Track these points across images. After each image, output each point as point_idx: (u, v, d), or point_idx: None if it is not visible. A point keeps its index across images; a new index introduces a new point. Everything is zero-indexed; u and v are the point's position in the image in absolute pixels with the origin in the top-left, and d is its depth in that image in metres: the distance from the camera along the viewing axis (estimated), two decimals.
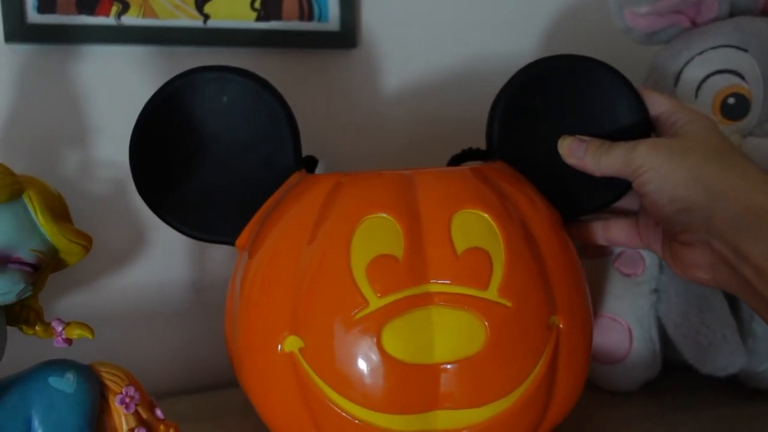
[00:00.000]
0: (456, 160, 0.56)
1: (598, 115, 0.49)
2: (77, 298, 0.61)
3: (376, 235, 0.41)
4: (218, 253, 0.65)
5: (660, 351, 0.58)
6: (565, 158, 0.48)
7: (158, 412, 0.40)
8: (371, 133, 0.70)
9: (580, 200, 0.49)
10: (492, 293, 0.40)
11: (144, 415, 0.39)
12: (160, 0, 0.62)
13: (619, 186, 0.49)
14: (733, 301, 0.59)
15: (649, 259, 0.57)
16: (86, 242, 0.38)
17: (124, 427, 0.39)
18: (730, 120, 0.56)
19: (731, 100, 0.56)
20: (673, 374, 0.60)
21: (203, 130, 0.48)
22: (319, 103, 0.68)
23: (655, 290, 0.57)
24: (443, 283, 0.40)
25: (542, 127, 0.49)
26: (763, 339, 0.57)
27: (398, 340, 0.39)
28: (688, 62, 0.58)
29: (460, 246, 0.40)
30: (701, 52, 0.58)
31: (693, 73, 0.57)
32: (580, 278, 0.44)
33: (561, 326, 0.42)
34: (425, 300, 0.40)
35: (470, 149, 0.54)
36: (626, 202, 0.51)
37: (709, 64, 0.57)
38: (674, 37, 0.61)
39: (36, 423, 0.36)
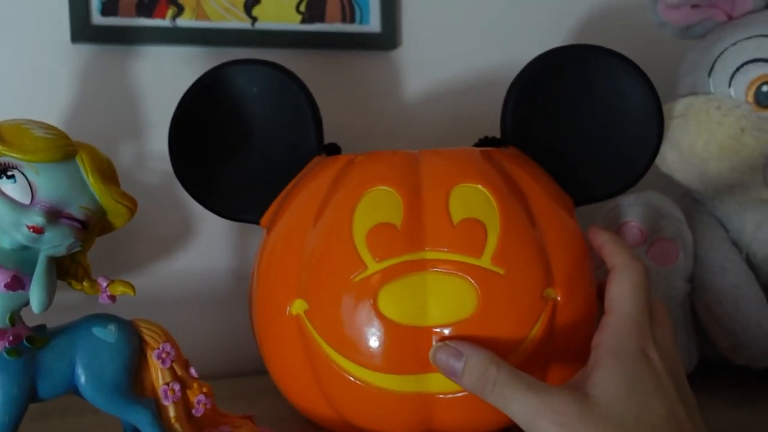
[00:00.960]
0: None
1: (611, 104, 0.50)
2: (129, 280, 0.65)
3: (378, 205, 0.43)
4: (258, 243, 0.68)
5: (695, 344, 0.57)
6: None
7: (192, 371, 0.43)
8: (409, 132, 0.72)
9: (591, 188, 0.50)
10: (485, 261, 0.41)
11: (179, 372, 0.42)
12: (211, 3, 0.67)
13: (631, 174, 0.50)
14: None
15: (684, 248, 0.56)
16: (131, 204, 0.41)
17: (160, 381, 0.41)
18: (764, 107, 0.55)
19: (765, 88, 0.55)
20: (708, 370, 0.58)
21: (235, 117, 0.52)
22: (359, 103, 0.71)
23: (690, 280, 0.56)
24: (439, 251, 0.41)
25: (555, 115, 0.51)
26: None
27: (393, 302, 0.41)
28: (722, 53, 0.58)
29: (457, 216, 0.42)
30: (735, 43, 0.57)
31: (727, 62, 0.57)
32: (582, 258, 0.45)
33: (558, 299, 0.43)
34: (421, 266, 0.41)
35: (486, 137, 0.55)
36: None
37: (743, 54, 0.56)
38: (709, 31, 0.60)
39: (80, 368, 0.39)
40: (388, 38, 0.70)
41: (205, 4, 0.66)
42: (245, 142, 0.52)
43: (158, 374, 0.41)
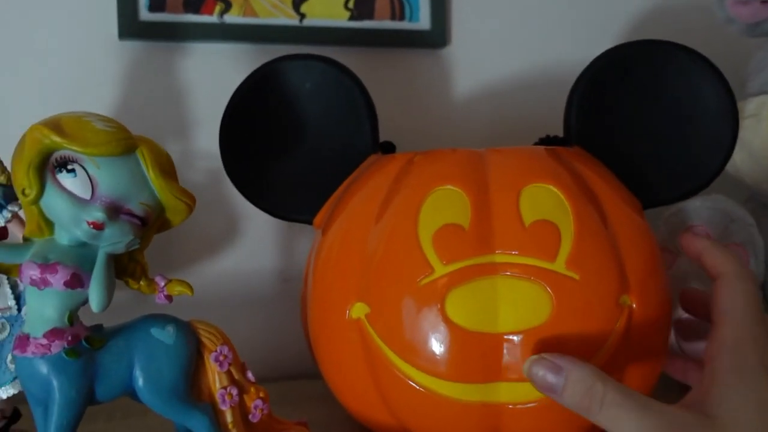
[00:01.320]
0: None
1: (682, 102, 0.48)
2: None
3: (444, 205, 0.41)
4: (305, 244, 0.67)
5: None
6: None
7: (249, 375, 0.42)
8: (457, 131, 0.70)
9: (660, 189, 0.48)
10: (559, 265, 0.39)
11: (236, 376, 0.41)
12: (260, 0, 0.65)
13: (703, 176, 0.48)
14: None
15: (755, 254, 0.54)
16: (190, 200, 0.39)
17: (218, 384, 0.40)
18: None
19: None
20: None
21: (287, 114, 0.51)
22: (408, 101, 0.69)
23: (762, 288, 0.54)
24: (510, 254, 0.40)
25: (622, 113, 0.49)
26: None
27: (462, 307, 0.39)
28: None
29: (528, 218, 0.40)
30: None
31: None
32: (656, 262, 0.42)
33: (634, 306, 0.40)
34: (491, 269, 0.39)
35: (548, 136, 0.53)
36: None
37: None
38: None
39: (138, 369, 0.38)
40: (437, 36, 0.69)
41: (253, 0, 0.65)
42: (298, 139, 0.50)
43: (215, 377, 0.40)
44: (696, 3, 0.73)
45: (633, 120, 0.49)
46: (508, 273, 0.39)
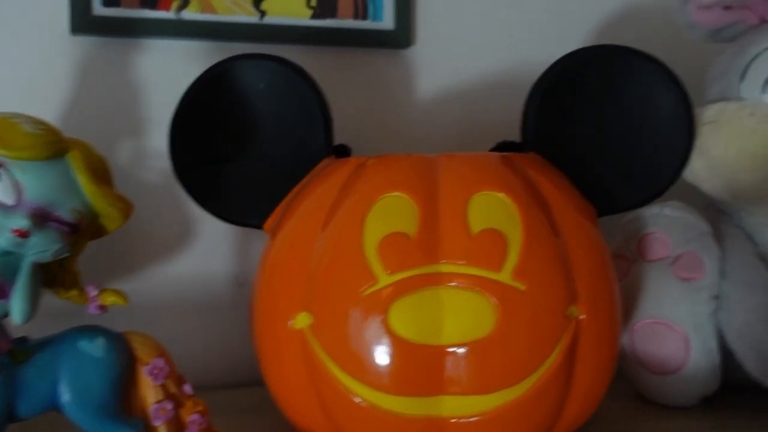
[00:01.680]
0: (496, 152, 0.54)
1: (638, 108, 0.47)
2: (124, 285, 0.62)
3: (391, 213, 0.40)
4: (261, 248, 0.66)
5: (720, 364, 0.54)
6: None
7: (187, 388, 0.40)
8: (421, 134, 0.69)
9: (616, 197, 0.48)
10: (505, 276, 0.38)
11: (172, 389, 0.39)
12: None
13: (659, 184, 0.47)
14: None
15: (710, 263, 0.53)
16: (126, 207, 0.38)
17: (151, 399, 0.39)
18: None
19: None
20: (733, 392, 0.55)
21: (239, 115, 0.49)
22: (370, 102, 0.68)
23: (716, 297, 0.53)
24: (455, 263, 0.39)
25: (580, 120, 0.48)
26: None
27: (405, 318, 0.38)
28: (755, 57, 0.55)
29: (476, 227, 0.39)
30: None
31: (760, 68, 0.54)
32: (607, 272, 0.42)
33: (582, 317, 0.40)
34: (436, 279, 0.38)
35: (504, 142, 0.52)
36: None
37: None
38: (741, 34, 0.57)
39: (63, 384, 0.36)
40: (401, 36, 0.68)
41: None
42: (249, 141, 0.49)
43: (149, 392, 0.38)
44: (662, 8, 0.72)
45: (590, 126, 0.48)
46: (453, 283, 0.38)
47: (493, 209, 0.40)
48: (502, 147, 0.53)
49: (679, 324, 0.53)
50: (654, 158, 0.48)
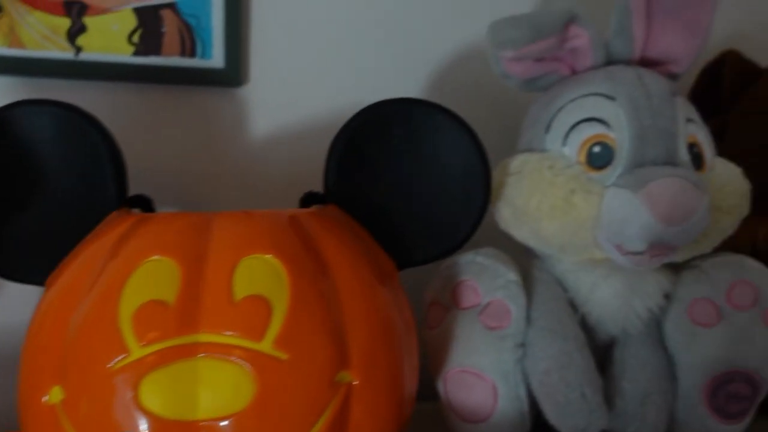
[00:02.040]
0: (302, 204, 0.53)
1: (437, 161, 0.48)
2: None
3: (152, 279, 0.38)
4: None
5: (529, 410, 0.55)
6: None
7: None
8: (251, 176, 0.67)
9: (414, 250, 0.48)
10: (266, 345, 0.37)
11: None
12: (28, 29, 0.61)
13: (455, 238, 0.47)
14: (604, 358, 0.56)
15: (516, 311, 0.54)
16: None
17: None
18: (596, 169, 0.53)
19: (596, 149, 0.53)
20: None
21: (21, 166, 0.46)
22: (198, 143, 0.66)
23: (522, 345, 0.54)
24: (215, 333, 0.37)
25: (380, 172, 0.48)
26: (633, 399, 0.54)
27: (158, 393, 0.36)
28: (560, 109, 0.56)
29: (240, 293, 0.38)
30: (573, 99, 0.56)
31: (563, 120, 0.55)
32: (387, 335, 0.41)
33: (355, 383, 0.39)
34: (192, 350, 0.37)
35: (311, 193, 0.52)
36: None
37: (578, 112, 0.55)
38: (553, 84, 0.59)
39: None
40: (232, 74, 0.66)
41: (20, 30, 0.60)
42: (32, 194, 0.46)
43: None
44: None
45: (390, 179, 0.48)
46: (210, 354, 0.37)
47: (261, 274, 0.39)
48: (308, 198, 0.52)
49: (488, 373, 0.53)
50: (452, 211, 0.48)
